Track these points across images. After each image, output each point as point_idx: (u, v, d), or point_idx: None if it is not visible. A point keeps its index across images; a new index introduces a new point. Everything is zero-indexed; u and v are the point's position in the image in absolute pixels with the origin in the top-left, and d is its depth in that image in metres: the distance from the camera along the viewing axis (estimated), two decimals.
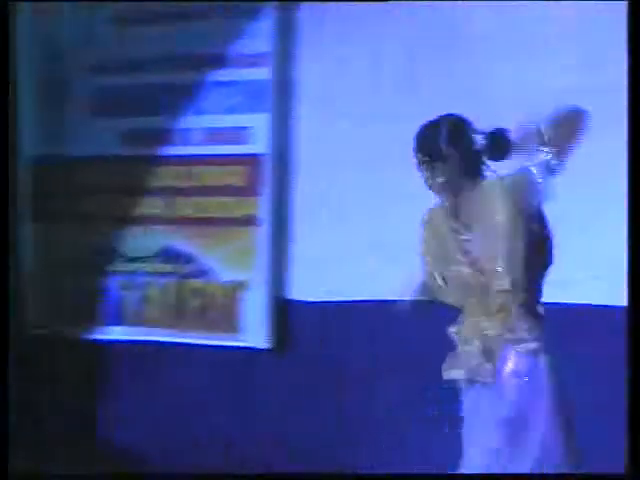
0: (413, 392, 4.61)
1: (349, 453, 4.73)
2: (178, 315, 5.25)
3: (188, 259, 5.23)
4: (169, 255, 5.28)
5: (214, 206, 5.18)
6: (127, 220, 5.36)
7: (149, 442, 5.18)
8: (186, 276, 5.23)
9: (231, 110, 5.11)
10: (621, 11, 3.57)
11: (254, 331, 5.04)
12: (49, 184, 5.52)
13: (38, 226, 5.55)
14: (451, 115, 3.18)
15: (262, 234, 5.05)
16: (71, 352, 5.40)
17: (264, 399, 5.05)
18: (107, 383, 5.37)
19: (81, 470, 4.78)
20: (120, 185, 5.36)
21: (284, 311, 5.04)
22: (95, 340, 5.40)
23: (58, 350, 5.41)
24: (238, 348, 5.06)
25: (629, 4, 3.27)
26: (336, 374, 4.88)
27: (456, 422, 3.16)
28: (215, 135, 5.16)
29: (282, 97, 5.03)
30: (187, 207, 5.24)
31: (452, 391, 3.18)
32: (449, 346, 3.21)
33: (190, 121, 5.22)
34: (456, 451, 3.13)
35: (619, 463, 2.99)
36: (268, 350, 5.01)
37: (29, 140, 5.55)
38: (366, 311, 4.80)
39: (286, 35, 5.03)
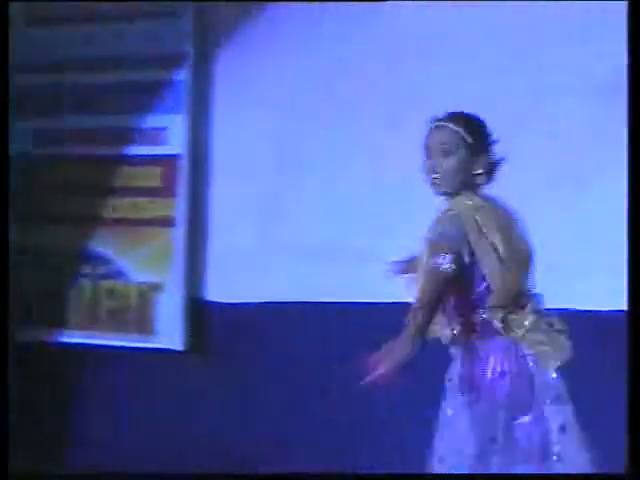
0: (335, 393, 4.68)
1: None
2: (93, 317, 5.19)
3: (104, 260, 5.18)
4: (85, 256, 5.23)
5: (130, 207, 5.13)
6: (42, 220, 5.28)
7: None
8: (101, 277, 5.18)
9: (147, 111, 5.06)
10: (621, 11, 3.61)
11: (169, 333, 5.01)
12: None
13: None
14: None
15: (178, 235, 5.02)
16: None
17: (179, 400, 5.04)
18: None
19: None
20: (34, 185, 5.29)
21: (201, 312, 5.02)
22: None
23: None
24: (154, 350, 5.04)
25: (629, 4, 3.28)
26: (254, 375, 4.89)
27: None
28: (131, 136, 5.11)
29: (198, 98, 5.01)
30: (103, 208, 5.18)
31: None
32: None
33: (106, 121, 5.16)
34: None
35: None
36: (184, 352, 4.99)
37: None
38: (285, 312, 4.82)
39: (204, 36, 5.02)
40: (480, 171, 3.07)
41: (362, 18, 4.75)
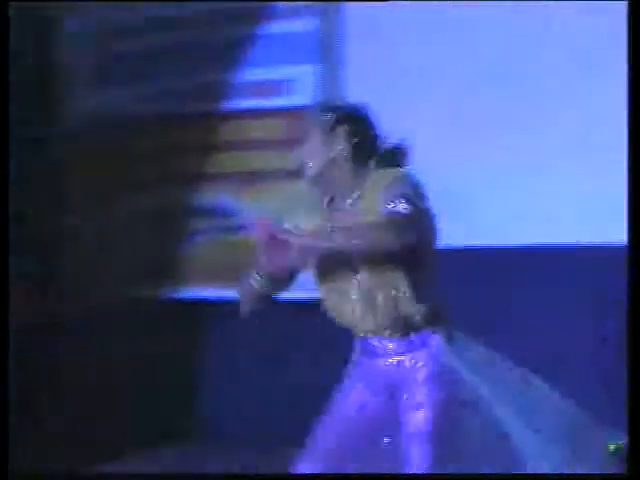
0: None
1: None
2: (225, 271, 5.19)
3: (233, 213, 5.22)
4: (206, 211, 5.28)
5: (259, 160, 5.19)
6: (172, 179, 5.32)
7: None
8: (232, 230, 5.21)
9: (275, 62, 5.13)
10: (621, 11, 3.66)
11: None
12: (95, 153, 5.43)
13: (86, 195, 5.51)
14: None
15: (306, 186, 5.03)
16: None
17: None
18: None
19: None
20: (164, 144, 5.33)
21: None
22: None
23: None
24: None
25: (629, 4, 3.28)
26: None
27: None
28: (258, 88, 5.17)
29: (327, 49, 5.06)
30: (232, 162, 5.24)
31: None
32: None
33: (233, 75, 5.22)
34: None
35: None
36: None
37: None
38: None
39: None
40: (340, 146, 2.83)
41: None
